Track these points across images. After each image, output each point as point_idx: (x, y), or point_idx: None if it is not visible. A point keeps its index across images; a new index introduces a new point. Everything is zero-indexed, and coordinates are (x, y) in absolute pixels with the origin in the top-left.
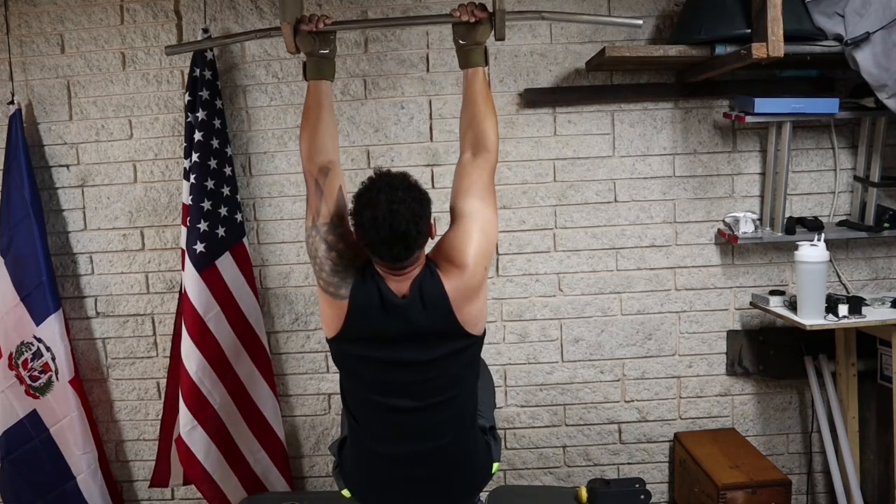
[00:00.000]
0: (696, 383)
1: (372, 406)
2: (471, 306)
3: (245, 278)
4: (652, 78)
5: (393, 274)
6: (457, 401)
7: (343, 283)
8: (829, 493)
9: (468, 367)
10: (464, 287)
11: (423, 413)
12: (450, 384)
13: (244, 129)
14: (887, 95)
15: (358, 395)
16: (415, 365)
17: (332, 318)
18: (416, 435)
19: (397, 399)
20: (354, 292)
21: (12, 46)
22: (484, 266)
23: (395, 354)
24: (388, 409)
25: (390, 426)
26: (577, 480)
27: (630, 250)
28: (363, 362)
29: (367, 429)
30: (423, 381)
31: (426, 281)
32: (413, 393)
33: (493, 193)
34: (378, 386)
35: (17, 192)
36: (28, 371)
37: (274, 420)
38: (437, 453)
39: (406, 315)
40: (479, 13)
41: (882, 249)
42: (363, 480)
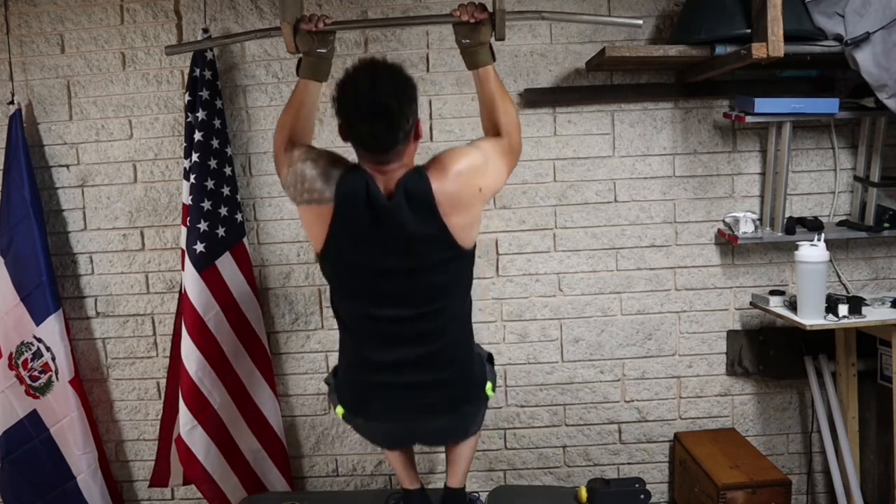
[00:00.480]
0: (696, 383)
1: (362, 316)
2: (458, 217)
3: (245, 278)
4: (652, 78)
5: (378, 169)
6: (446, 311)
7: (327, 187)
8: (829, 493)
9: (457, 279)
10: (452, 193)
11: (413, 322)
12: (438, 294)
13: (244, 129)
14: (887, 95)
15: (348, 307)
16: (402, 273)
17: (316, 225)
18: (406, 342)
19: (387, 309)
20: (339, 190)
21: (12, 46)
22: (478, 186)
23: (383, 262)
24: (377, 318)
25: (380, 335)
26: (577, 480)
27: (630, 250)
28: (350, 272)
29: (359, 338)
30: (411, 290)
31: (412, 180)
32: (402, 302)
33: (507, 161)
34: (367, 296)
35: (17, 192)
36: (28, 371)
37: (274, 420)
38: (427, 359)
39: (392, 215)
40: (479, 14)
41: (882, 249)
42: (354, 392)
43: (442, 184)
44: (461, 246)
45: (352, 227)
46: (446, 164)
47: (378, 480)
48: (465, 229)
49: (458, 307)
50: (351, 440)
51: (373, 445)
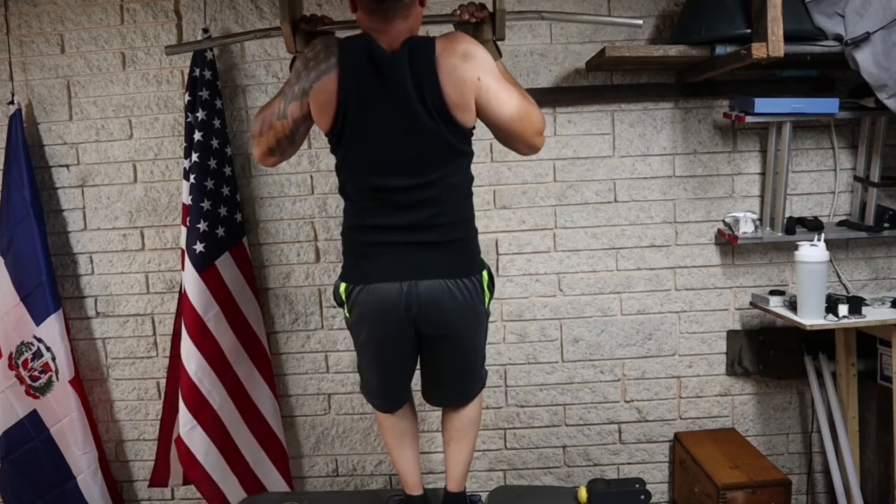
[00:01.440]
0: (696, 383)
1: (366, 187)
2: (454, 91)
3: (245, 278)
4: (652, 78)
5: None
6: (446, 181)
7: (329, 57)
8: (829, 493)
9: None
10: (452, 64)
11: (413, 190)
12: (438, 163)
13: (244, 129)
14: (887, 95)
15: (353, 180)
16: (403, 138)
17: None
18: (407, 208)
19: (388, 178)
20: (342, 53)
21: (12, 46)
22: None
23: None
24: (380, 188)
25: (383, 203)
26: (577, 480)
27: (630, 250)
28: (355, 142)
29: (362, 206)
30: (411, 158)
31: (418, 40)
32: (404, 170)
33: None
34: (370, 166)
35: (17, 192)
36: (28, 371)
37: (274, 420)
38: (426, 223)
39: (393, 68)
40: (479, 14)
41: (882, 249)
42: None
43: (446, 53)
44: (457, 120)
45: (357, 86)
46: (457, 39)
47: (378, 480)
48: (460, 109)
49: (456, 180)
50: (351, 440)
51: (373, 445)
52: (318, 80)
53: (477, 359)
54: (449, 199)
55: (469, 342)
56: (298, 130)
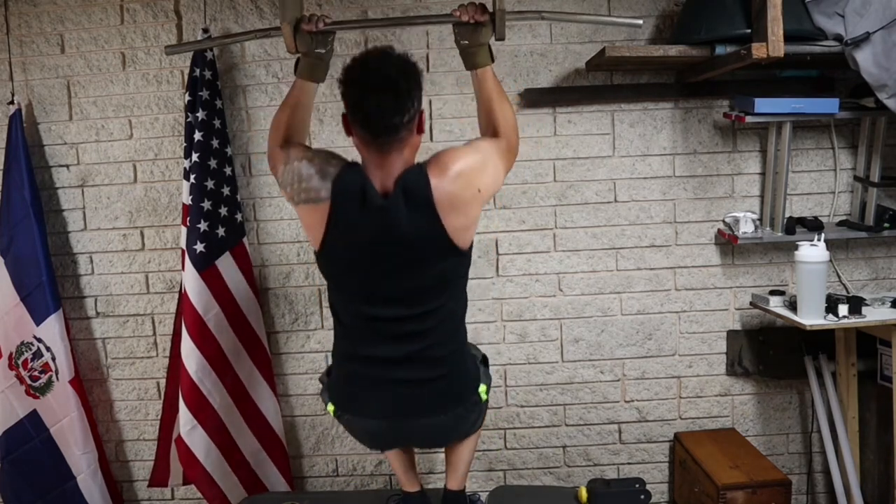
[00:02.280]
0: (696, 383)
1: (357, 314)
2: (456, 218)
3: (245, 278)
4: (652, 78)
5: (379, 160)
6: (441, 311)
7: (322, 186)
8: (829, 493)
9: (452, 279)
10: (451, 193)
11: (407, 321)
12: (433, 293)
13: (244, 129)
14: (887, 95)
15: (343, 304)
16: (398, 271)
17: (315, 225)
18: (399, 340)
19: (381, 308)
20: (335, 189)
21: (12, 46)
22: (477, 188)
23: (379, 259)
24: (372, 317)
25: (374, 332)
26: (577, 480)
27: (630, 250)
28: (348, 270)
29: (353, 334)
30: (406, 290)
31: (411, 175)
32: (397, 301)
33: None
34: (363, 295)
35: (17, 192)
36: (28, 371)
37: (274, 420)
38: (418, 357)
39: (386, 216)
40: (479, 15)
41: (882, 249)
42: (346, 388)
43: (442, 183)
44: (458, 247)
45: (348, 226)
46: (447, 163)
47: (378, 480)
48: (462, 230)
49: (452, 307)
50: (351, 440)
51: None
52: (308, 203)
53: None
54: (444, 328)
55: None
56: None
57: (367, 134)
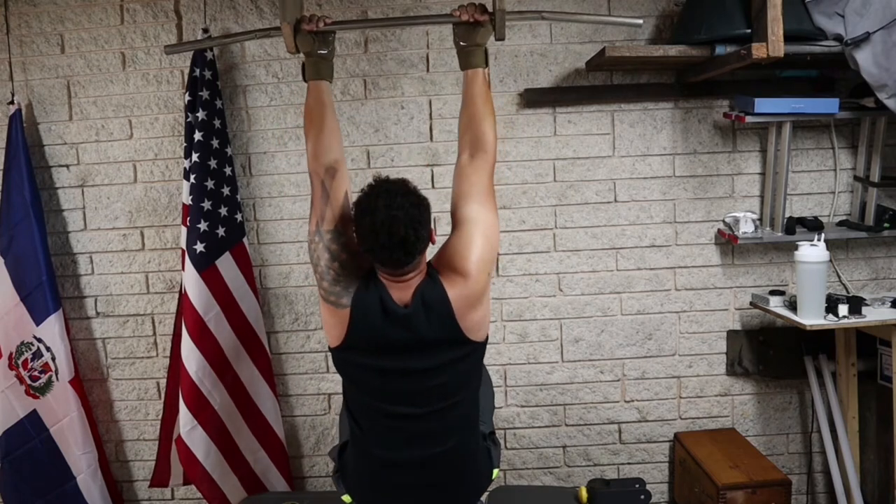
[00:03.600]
0: (696, 383)
1: (374, 413)
2: (474, 313)
3: (245, 278)
4: (652, 78)
5: (395, 280)
6: (459, 406)
7: (345, 293)
8: (829, 493)
9: (471, 373)
10: (467, 294)
11: (426, 420)
12: (452, 391)
13: (244, 129)
14: (887, 95)
15: (360, 402)
16: (417, 373)
17: (334, 326)
18: (418, 441)
19: (400, 406)
20: (356, 301)
21: (12, 46)
22: (487, 272)
23: (398, 364)
24: (390, 415)
25: (393, 432)
26: (577, 480)
27: (630, 250)
28: (365, 371)
29: (370, 434)
30: (425, 389)
31: (428, 289)
32: (415, 400)
33: (492, 196)
34: (380, 394)
35: (17, 192)
36: (28, 371)
37: (274, 420)
38: (439, 459)
39: (408, 325)
40: (479, 15)
41: (882, 249)
42: (364, 485)
43: (457, 291)
44: (475, 342)
45: (368, 335)
46: (456, 266)
47: None
48: (480, 323)
49: (468, 404)
50: None
51: None
52: (328, 301)
53: None
54: (459, 427)
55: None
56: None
57: (380, 266)
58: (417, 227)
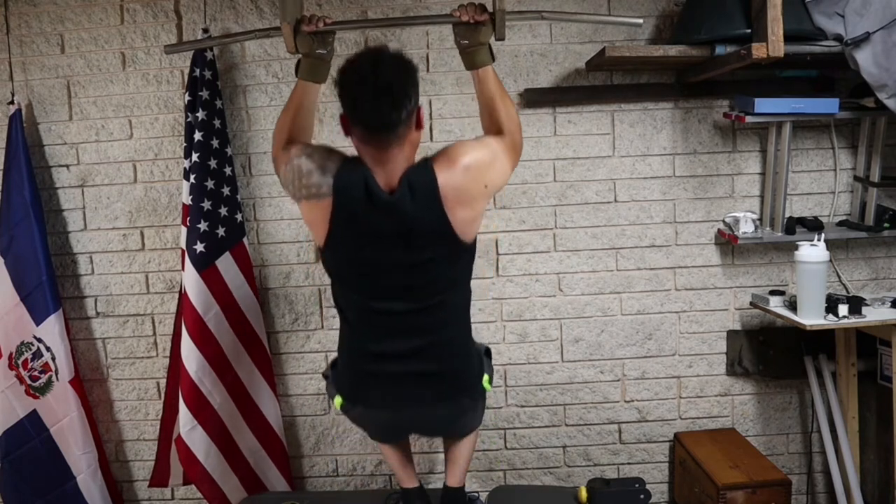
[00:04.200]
0: (696, 383)
1: (362, 309)
2: (463, 210)
3: (245, 278)
4: (652, 78)
5: (379, 156)
6: (446, 305)
7: (323, 181)
8: (829, 493)
9: (458, 274)
10: (457, 185)
11: (413, 315)
12: (439, 288)
13: (244, 129)
14: (887, 95)
15: (348, 299)
16: (403, 266)
17: (318, 221)
18: (405, 334)
19: (387, 302)
20: (337, 184)
21: (12, 46)
22: (484, 183)
23: (384, 254)
24: (378, 311)
25: (381, 327)
26: (577, 480)
27: (630, 250)
28: (352, 266)
29: (359, 329)
30: (411, 285)
31: (416, 173)
32: (402, 296)
33: (512, 156)
34: (368, 290)
35: (17, 192)
36: (28, 371)
37: (274, 420)
38: (425, 350)
39: (393, 211)
40: (479, 15)
41: (882, 249)
42: (353, 381)
43: (449, 176)
44: (463, 240)
45: (352, 222)
46: (454, 156)
47: (378, 480)
48: (468, 223)
49: (457, 300)
50: (351, 440)
51: (373, 445)
52: (310, 199)
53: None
54: (448, 321)
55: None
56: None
57: (365, 132)
58: (405, 77)
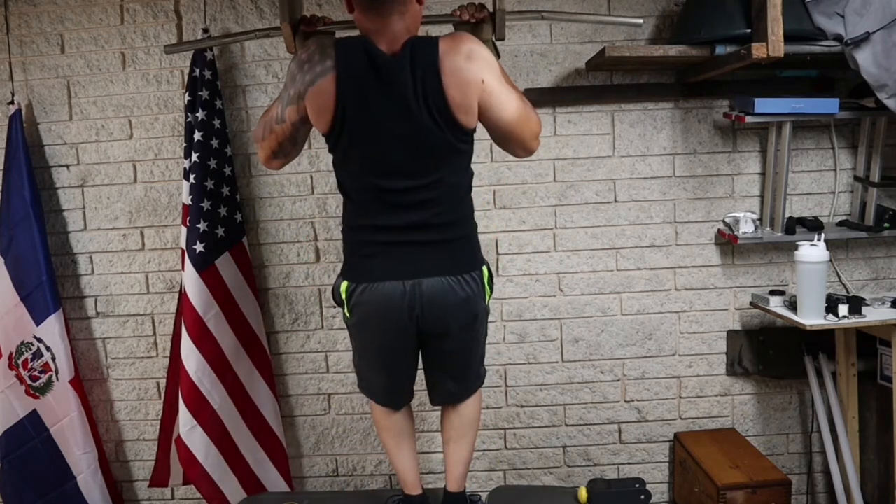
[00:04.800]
0: (696, 383)
1: (366, 187)
2: (458, 92)
3: (245, 278)
4: (652, 78)
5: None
6: (446, 181)
7: (325, 57)
8: (829, 493)
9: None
10: (457, 66)
11: (415, 191)
12: (438, 164)
13: (244, 129)
14: (887, 95)
15: (352, 179)
16: (403, 140)
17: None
18: (408, 209)
19: (388, 179)
20: (338, 54)
21: (12, 46)
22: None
23: (385, 127)
24: (380, 188)
25: (384, 203)
26: (577, 480)
27: (630, 250)
28: (356, 142)
29: (362, 206)
30: (411, 160)
31: (421, 41)
32: (403, 172)
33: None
34: (370, 167)
35: (17, 192)
36: (28, 371)
37: (274, 420)
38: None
39: (394, 71)
40: (479, 14)
41: (882, 249)
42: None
43: (450, 54)
44: (459, 121)
45: (355, 89)
46: (461, 39)
47: (378, 480)
48: (463, 110)
49: (457, 179)
50: (351, 440)
51: (373, 445)
52: (314, 82)
53: (477, 354)
54: (449, 198)
55: (470, 338)
56: (298, 133)
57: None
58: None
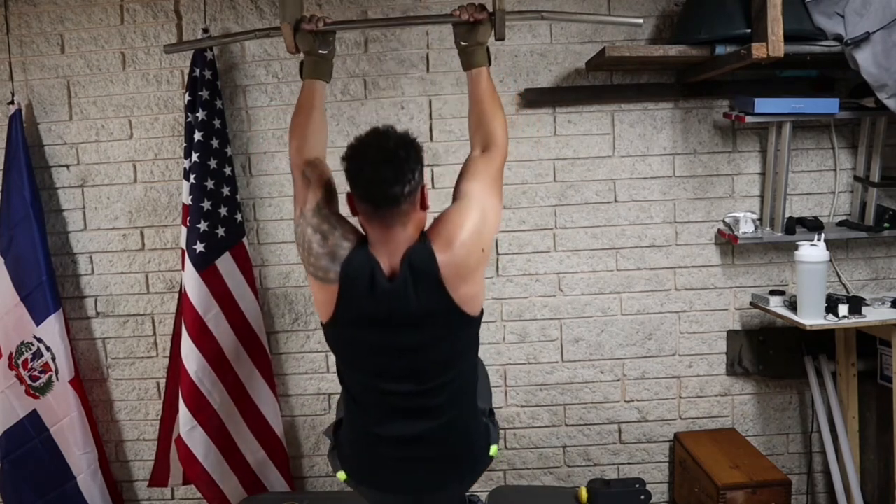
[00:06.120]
0: (696, 383)
1: (369, 390)
2: (465, 286)
3: (245, 278)
4: (652, 78)
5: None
6: (455, 382)
7: (331, 267)
8: (829, 493)
9: (466, 349)
10: (457, 263)
11: (421, 396)
12: (447, 366)
13: (244, 129)
14: (887, 95)
15: (354, 379)
16: (410, 349)
17: (323, 302)
18: (414, 417)
19: (394, 384)
20: (344, 274)
21: (12, 46)
22: (481, 248)
23: (389, 339)
24: (385, 392)
25: (388, 409)
26: (577, 480)
27: (630, 250)
28: (357, 347)
29: (365, 411)
30: (419, 366)
31: (417, 253)
32: (410, 377)
33: (499, 187)
34: (374, 370)
35: (17, 192)
36: (28, 371)
37: (274, 420)
38: (436, 434)
39: (395, 298)
40: (479, 14)
41: (882, 249)
42: (360, 461)
43: (447, 257)
44: (469, 315)
45: (357, 308)
46: (450, 235)
47: None
48: (473, 298)
49: (465, 377)
50: None
51: None
52: (316, 279)
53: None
54: (458, 401)
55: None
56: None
57: (368, 207)
58: (408, 151)
